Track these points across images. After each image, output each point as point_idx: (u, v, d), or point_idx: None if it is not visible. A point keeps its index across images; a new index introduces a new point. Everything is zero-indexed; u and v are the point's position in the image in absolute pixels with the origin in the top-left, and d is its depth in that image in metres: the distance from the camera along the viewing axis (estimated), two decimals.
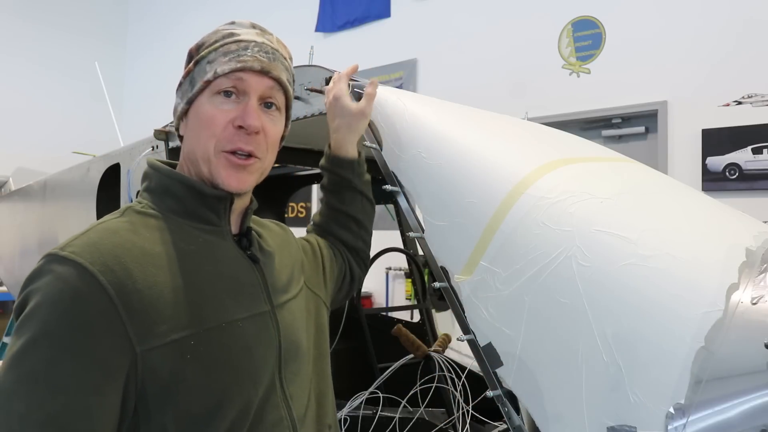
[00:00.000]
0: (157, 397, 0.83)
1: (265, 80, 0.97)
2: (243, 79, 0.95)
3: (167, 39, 8.18)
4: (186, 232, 0.94)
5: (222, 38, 0.98)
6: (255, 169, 0.98)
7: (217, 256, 0.96)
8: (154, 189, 0.98)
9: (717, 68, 3.84)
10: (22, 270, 3.99)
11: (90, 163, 3.01)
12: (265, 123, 0.97)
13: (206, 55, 0.97)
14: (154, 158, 1.03)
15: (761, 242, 1.12)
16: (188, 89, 0.98)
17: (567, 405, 0.97)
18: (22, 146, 7.05)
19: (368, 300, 5.44)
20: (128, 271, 0.83)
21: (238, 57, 0.95)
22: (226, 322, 0.90)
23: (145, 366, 0.82)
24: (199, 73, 0.97)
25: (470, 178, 1.18)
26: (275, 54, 0.99)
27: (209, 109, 0.95)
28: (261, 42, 0.99)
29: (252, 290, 0.97)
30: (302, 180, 3.08)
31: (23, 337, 0.78)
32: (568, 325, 1.00)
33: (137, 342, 0.81)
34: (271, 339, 0.97)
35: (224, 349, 0.88)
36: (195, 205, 0.96)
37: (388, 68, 5.64)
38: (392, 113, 1.29)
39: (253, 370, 0.91)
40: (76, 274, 0.80)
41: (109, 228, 0.89)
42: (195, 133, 0.97)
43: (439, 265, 1.18)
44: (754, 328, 0.91)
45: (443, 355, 2.14)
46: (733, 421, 0.86)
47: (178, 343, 0.84)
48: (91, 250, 0.83)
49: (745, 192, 3.71)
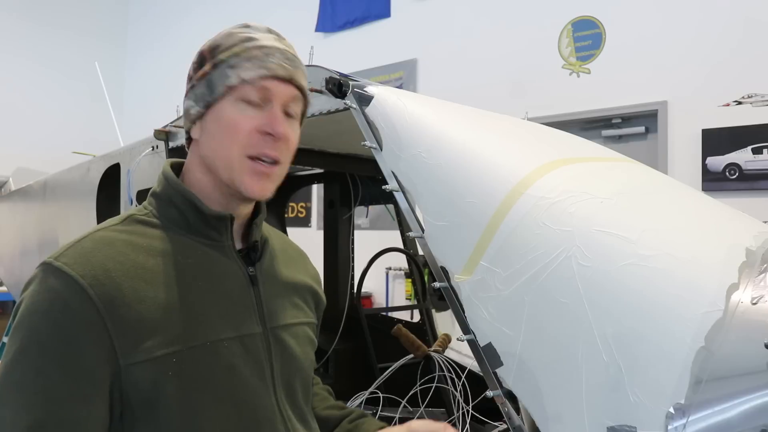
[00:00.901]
0: (141, 409, 0.85)
1: (289, 88, 0.97)
2: (268, 88, 0.94)
3: (167, 39, 8.19)
4: (185, 245, 0.94)
5: (241, 42, 0.96)
6: (277, 176, 0.98)
7: (214, 271, 0.95)
8: (160, 196, 0.99)
9: (717, 68, 3.84)
10: (22, 270, 4.00)
11: (90, 163, 3.01)
12: (287, 130, 0.97)
13: (226, 59, 0.95)
14: (170, 162, 1.03)
15: (761, 242, 1.12)
16: (206, 93, 0.96)
17: (567, 405, 0.97)
18: (22, 146, 7.06)
19: (368, 300, 5.44)
20: (118, 285, 0.84)
21: (263, 63, 0.94)
22: (211, 341, 0.90)
23: (128, 379, 0.83)
24: (220, 77, 0.95)
25: (470, 178, 1.18)
26: (296, 61, 0.99)
27: (233, 115, 0.94)
28: (282, 48, 0.97)
29: (243, 310, 0.96)
30: (302, 180, 3.08)
31: (14, 346, 0.82)
32: (568, 325, 1.00)
33: (121, 355, 0.83)
34: (261, 361, 0.96)
35: (206, 368, 0.88)
36: (195, 221, 0.96)
37: (388, 68, 5.64)
38: (392, 113, 1.29)
39: (235, 391, 0.91)
40: (66, 285, 0.82)
41: (105, 238, 0.90)
42: (216, 139, 0.95)
43: (439, 265, 1.17)
44: (754, 328, 0.91)
45: (443, 355, 2.14)
46: (733, 421, 0.86)
47: (161, 359, 0.84)
48: (83, 261, 0.84)
49: (745, 192, 3.71)
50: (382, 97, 1.32)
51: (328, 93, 1.40)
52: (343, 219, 2.99)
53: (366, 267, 2.59)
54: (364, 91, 1.34)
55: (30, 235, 3.80)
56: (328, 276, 2.97)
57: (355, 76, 1.40)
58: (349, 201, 2.95)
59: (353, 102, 1.33)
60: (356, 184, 2.92)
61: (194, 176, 0.99)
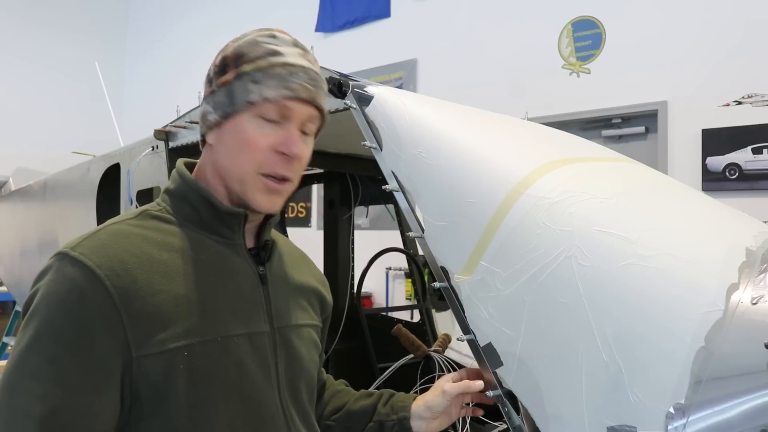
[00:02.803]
0: (150, 401, 0.85)
1: (309, 109, 0.97)
2: (289, 107, 0.95)
3: (167, 39, 8.18)
4: (198, 241, 0.96)
5: (266, 55, 0.95)
6: (287, 192, 1.00)
7: (226, 268, 0.96)
8: (174, 193, 1.00)
9: (717, 68, 3.84)
10: (21, 270, 3.99)
11: (90, 163, 3.01)
12: (302, 150, 0.98)
13: (250, 72, 0.94)
14: (183, 161, 1.04)
15: (761, 242, 1.12)
16: (226, 103, 0.96)
17: (567, 405, 0.97)
18: (22, 146, 7.05)
19: (368, 300, 5.44)
20: (133, 277, 0.85)
21: (286, 83, 0.94)
22: (222, 336, 0.91)
23: (140, 371, 0.84)
24: (242, 90, 0.94)
25: (470, 178, 1.18)
26: (318, 80, 0.99)
27: (251, 131, 0.94)
28: (307, 67, 0.97)
29: (253, 308, 0.97)
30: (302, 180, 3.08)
31: (29, 333, 0.82)
32: (568, 325, 1.00)
33: (134, 347, 0.83)
34: (267, 359, 0.97)
35: (216, 363, 0.89)
36: (209, 218, 0.97)
37: (388, 68, 5.64)
38: (392, 113, 1.29)
39: (243, 387, 0.92)
40: (83, 275, 0.83)
41: (120, 231, 0.91)
42: (232, 151, 0.96)
43: (439, 265, 1.17)
44: (754, 328, 0.91)
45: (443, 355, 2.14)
46: (733, 421, 0.86)
47: (173, 352, 0.85)
48: (100, 253, 0.85)
49: (745, 192, 3.71)
50: (382, 97, 1.32)
51: (328, 93, 1.40)
52: (343, 219, 2.99)
53: (366, 267, 2.59)
54: (364, 91, 1.34)
55: (30, 235, 3.80)
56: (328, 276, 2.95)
57: (355, 76, 1.40)
58: (349, 201, 2.95)
59: (353, 102, 1.33)
60: (356, 184, 2.92)
61: (207, 178, 1.00)
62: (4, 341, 4.64)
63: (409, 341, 2.09)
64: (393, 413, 1.15)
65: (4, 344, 4.63)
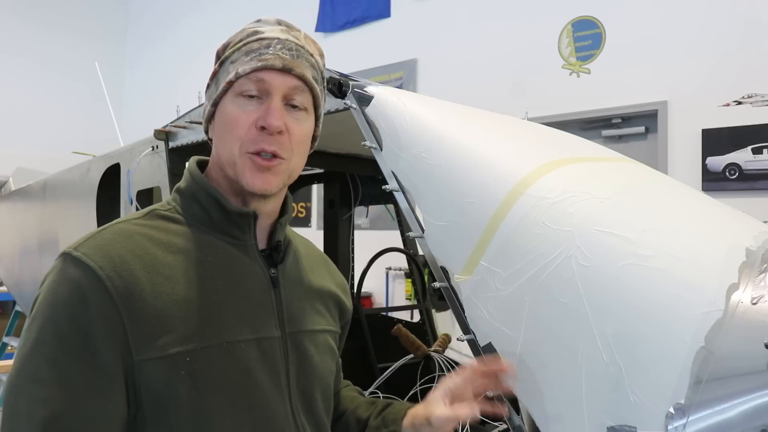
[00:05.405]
0: (152, 410, 0.83)
1: (288, 78, 0.92)
2: (264, 79, 0.91)
3: (167, 39, 8.18)
4: (206, 242, 0.93)
5: (246, 37, 0.94)
6: (281, 170, 0.93)
7: (234, 270, 0.93)
8: (184, 192, 0.97)
9: (717, 68, 3.83)
10: (22, 270, 3.99)
11: (90, 163, 3.01)
12: (289, 122, 0.92)
13: (230, 55, 0.94)
14: (196, 159, 1.01)
15: (761, 242, 1.12)
16: (213, 91, 0.96)
17: (567, 405, 0.97)
18: (22, 146, 7.05)
19: (368, 300, 5.43)
20: (136, 278, 0.83)
21: (259, 56, 0.91)
22: (227, 341, 0.87)
23: (141, 376, 0.82)
24: (223, 74, 0.94)
25: (470, 178, 1.18)
26: (300, 51, 0.94)
27: (233, 111, 0.92)
28: (285, 39, 0.94)
29: (263, 312, 0.94)
30: (302, 180, 3.08)
31: (32, 336, 0.80)
32: (568, 325, 0.99)
33: (135, 351, 0.81)
34: (277, 367, 0.92)
35: (220, 370, 0.86)
36: (219, 217, 0.94)
37: (388, 68, 5.64)
38: (392, 113, 1.29)
39: (250, 395, 0.88)
40: (85, 276, 0.81)
41: (125, 231, 0.88)
42: (221, 136, 0.94)
43: (439, 265, 1.17)
44: (754, 328, 0.91)
45: (443, 355, 2.14)
46: (733, 421, 0.86)
47: (175, 357, 0.82)
48: (102, 252, 0.83)
49: (745, 192, 3.71)
50: (382, 97, 1.32)
51: (328, 93, 1.40)
52: (343, 219, 2.99)
53: (366, 267, 2.59)
54: (364, 91, 1.34)
55: (30, 235, 3.80)
56: None
57: (355, 76, 1.40)
58: (349, 201, 2.95)
59: (353, 102, 1.33)
60: (356, 184, 2.93)
61: (213, 175, 0.98)
62: (4, 341, 4.63)
63: (409, 341, 2.09)
64: (384, 426, 1.09)
65: (4, 344, 4.63)
